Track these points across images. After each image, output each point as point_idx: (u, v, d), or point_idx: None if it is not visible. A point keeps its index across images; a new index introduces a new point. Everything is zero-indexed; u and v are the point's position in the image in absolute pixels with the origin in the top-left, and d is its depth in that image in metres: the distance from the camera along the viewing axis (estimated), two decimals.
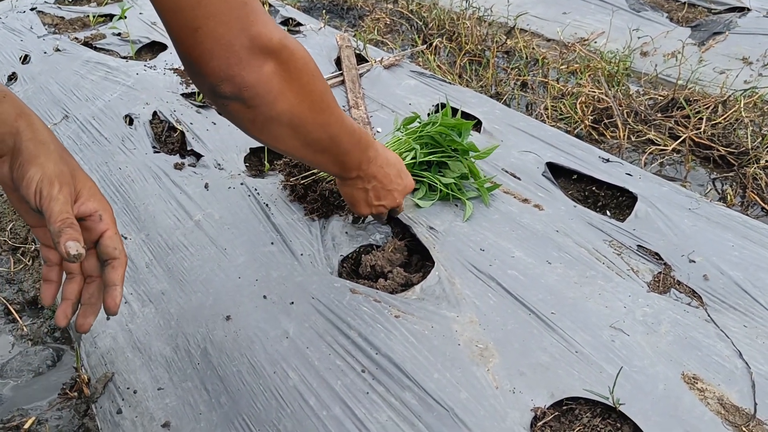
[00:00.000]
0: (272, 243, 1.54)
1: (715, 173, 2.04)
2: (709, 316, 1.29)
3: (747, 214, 1.65)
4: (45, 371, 1.48)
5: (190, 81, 2.31)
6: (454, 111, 1.87)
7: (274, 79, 0.95)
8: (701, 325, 1.27)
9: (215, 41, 0.86)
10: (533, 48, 2.86)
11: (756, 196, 1.89)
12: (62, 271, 0.95)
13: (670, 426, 1.09)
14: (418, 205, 1.61)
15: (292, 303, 1.37)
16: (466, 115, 2.02)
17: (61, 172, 0.88)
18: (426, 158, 1.64)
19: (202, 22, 0.84)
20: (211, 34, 0.85)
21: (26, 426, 1.27)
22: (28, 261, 1.72)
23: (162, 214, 1.69)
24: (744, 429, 1.07)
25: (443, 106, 2.11)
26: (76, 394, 1.36)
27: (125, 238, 1.62)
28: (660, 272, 1.40)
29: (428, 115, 2.04)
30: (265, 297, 1.39)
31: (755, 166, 1.96)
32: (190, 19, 0.84)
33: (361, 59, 2.49)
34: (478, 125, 2.00)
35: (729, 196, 1.91)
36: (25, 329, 1.54)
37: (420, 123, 1.71)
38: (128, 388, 1.26)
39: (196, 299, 1.42)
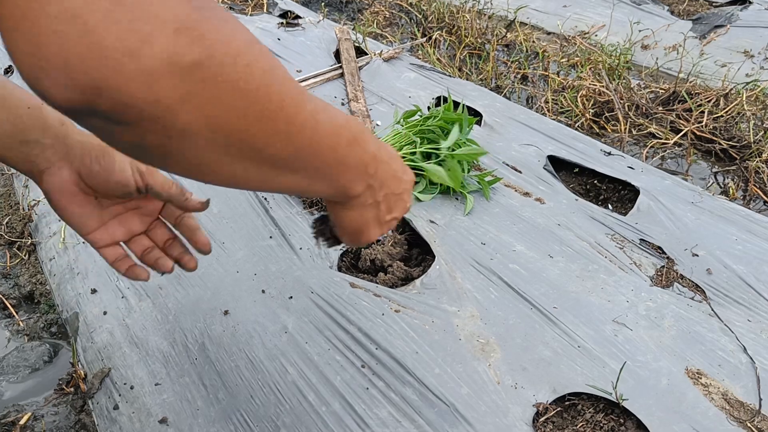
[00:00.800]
0: (271, 237, 1.53)
1: (716, 167, 2.02)
2: (712, 310, 1.28)
3: (749, 208, 1.64)
4: (41, 367, 1.46)
5: None
6: (456, 104, 1.85)
7: (161, 77, 0.48)
8: (705, 320, 1.26)
9: None
10: (533, 41, 2.84)
11: (758, 190, 1.88)
12: (128, 258, 0.97)
13: (674, 421, 1.07)
14: (418, 199, 1.59)
15: (291, 297, 1.35)
16: (467, 109, 2.00)
17: None
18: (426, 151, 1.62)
19: None
20: None
21: (22, 422, 1.25)
22: (24, 255, 1.71)
23: None
24: (749, 425, 1.06)
25: (444, 99, 2.09)
26: (72, 389, 1.34)
27: None
28: (663, 266, 1.38)
29: (428, 108, 2.03)
30: (263, 291, 1.38)
31: (757, 159, 1.94)
32: None
33: (360, 52, 2.47)
34: (478, 119, 1.98)
35: (731, 190, 1.89)
36: (21, 324, 1.52)
37: (421, 116, 1.70)
38: (125, 384, 1.24)
39: (193, 293, 1.40)
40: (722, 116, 2.13)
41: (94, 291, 1.46)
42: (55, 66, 0.44)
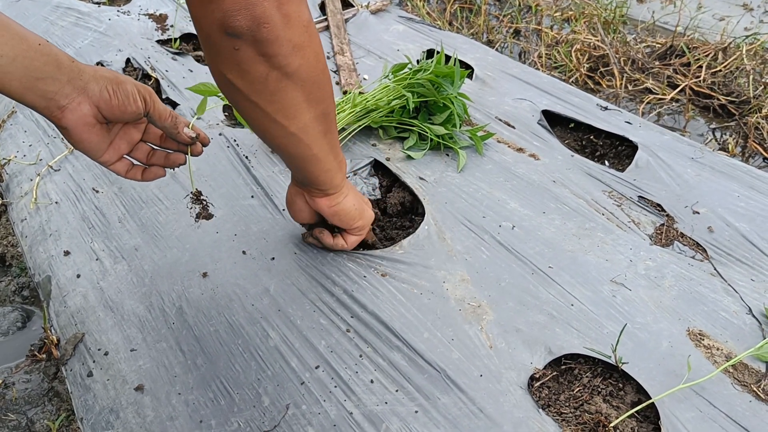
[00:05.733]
0: (252, 196, 1.45)
1: (714, 123, 1.96)
2: (715, 269, 1.22)
3: (749, 165, 1.58)
4: (14, 332, 1.40)
5: (167, 28, 2.18)
6: (447, 58, 1.77)
7: (295, 24, 0.81)
8: (707, 279, 1.20)
9: None
10: None
11: (758, 146, 1.82)
12: (139, 165, 1.11)
13: (676, 385, 1.02)
14: (409, 156, 1.52)
15: (273, 258, 1.29)
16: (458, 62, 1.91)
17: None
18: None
19: None
20: None
21: None
22: None
23: None
24: (754, 388, 1.01)
25: (435, 52, 2.00)
26: (44, 356, 1.28)
27: (96, 191, 1.53)
28: (662, 224, 1.33)
29: (417, 61, 1.94)
30: (244, 252, 1.31)
31: (757, 115, 1.88)
32: None
33: (346, 4, 2.37)
34: (470, 72, 1.89)
35: (730, 147, 1.83)
36: None
37: (410, 69, 1.61)
38: (99, 350, 1.18)
39: (171, 255, 1.33)
40: (721, 71, 2.07)
41: (67, 253, 1.38)
42: (244, 6, 0.76)
